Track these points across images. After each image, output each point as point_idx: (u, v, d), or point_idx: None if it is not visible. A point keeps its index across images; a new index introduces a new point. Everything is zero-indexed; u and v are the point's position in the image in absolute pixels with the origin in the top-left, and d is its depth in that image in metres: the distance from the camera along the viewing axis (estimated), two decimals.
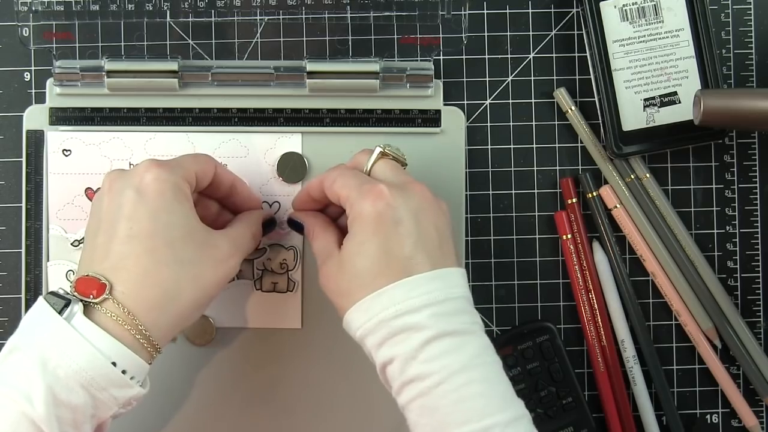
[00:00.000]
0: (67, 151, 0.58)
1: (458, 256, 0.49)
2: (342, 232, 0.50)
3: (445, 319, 0.44)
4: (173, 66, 0.57)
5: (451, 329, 0.44)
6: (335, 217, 0.54)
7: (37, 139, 0.58)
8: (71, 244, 0.58)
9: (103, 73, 0.57)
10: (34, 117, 0.58)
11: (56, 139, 0.58)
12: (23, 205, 0.58)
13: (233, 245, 0.50)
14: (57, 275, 0.58)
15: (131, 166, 0.58)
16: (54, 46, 0.59)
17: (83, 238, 0.57)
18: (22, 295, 0.58)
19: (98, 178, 0.58)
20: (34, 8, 0.58)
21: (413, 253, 0.45)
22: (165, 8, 0.59)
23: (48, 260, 0.58)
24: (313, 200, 0.53)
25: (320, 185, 0.50)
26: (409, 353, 0.44)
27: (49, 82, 0.58)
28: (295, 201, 0.54)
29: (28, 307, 0.57)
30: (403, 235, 0.45)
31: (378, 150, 0.50)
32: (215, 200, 0.54)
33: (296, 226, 0.54)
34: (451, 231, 0.49)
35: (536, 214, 0.60)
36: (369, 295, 0.45)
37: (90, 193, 0.58)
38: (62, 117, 0.58)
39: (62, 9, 0.58)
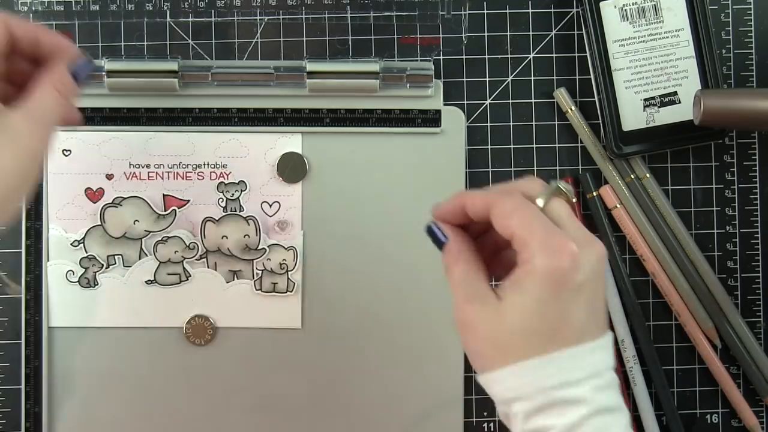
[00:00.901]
0: (67, 151, 0.58)
1: None
2: (482, 258, 0.45)
3: (604, 393, 0.41)
4: (173, 66, 0.57)
5: (609, 405, 0.41)
6: (475, 235, 0.47)
7: None
8: (71, 244, 0.58)
9: (103, 73, 0.57)
10: None
11: (56, 139, 0.58)
12: (23, 205, 0.58)
13: (31, 119, 0.44)
14: (57, 275, 0.58)
15: (131, 166, 0.58)
16: None
17: (83, 238, 0.58)
18: (22, 296, 0.58)
19: (98, 178, 0.58)
20: (34, 8, 0.58)
21: (588, 322, 0.41)
22: (165, 8, 0.59)
23: (48, 260, 0.58)
24: (465, 216, 0.45)
25: (485, 207, 0.43)
26: (566, 428, 0.40)
27: None
28: (442, 209, 0.46)
29: (28, 307, 0.57)
30: (582, 302, 0.41)
31: (555, 186, 0.44)
32: (24, 62, 0.47)
33: (434, 236, 0.46)
34: None
35: None
36: (533, 359, 0.41)
37: (90, 193, 0.58)
38: None
39: (62, 9, 0.58)
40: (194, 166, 0.58)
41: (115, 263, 0.58)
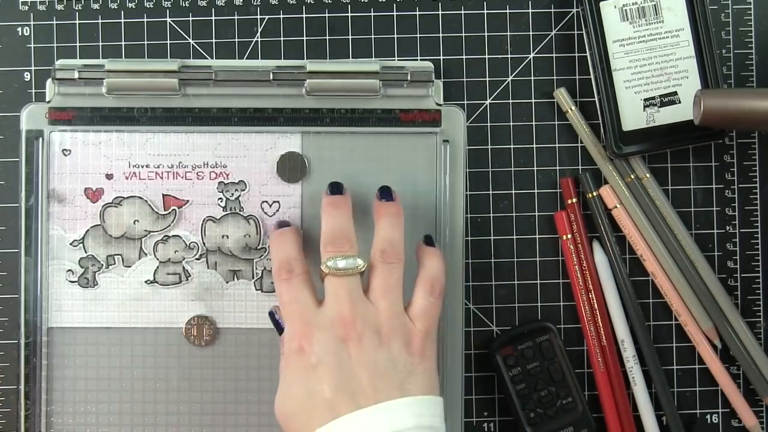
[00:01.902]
0: (66, 150, 0.58)
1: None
2: None
3: None
4: (173, 66, 0.57)
5: None
6: None
7: (36, 139, 0.58)
8: (71, 244, 0.58)
9: (103, 72, 0.57)
10: (33, 117, 0.58)
11: (56, 139, 0.58)
12: (23, 205, 0.58)
13: None
14: (57, 275, 0.58)
15: (131, 166, 0.58)
16: (54, 46, 0.59)
17: (83, 238, 0.58)
18: (22, 295, 0.58)
19: (98, 178, 0.58)
20: (34, 8, 0.58)
21: (335, 397, 0.47)
22: (165, 6, 0.59)
23: (48, 260, 0.58)
24: None
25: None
26: None
27: (49, 82, 0.58)
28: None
29: (27, 307, 0.57)
30: (321, 379, 0.47)
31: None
32: None
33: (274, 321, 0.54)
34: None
35: (536, 214, 0.60)
36: None
37: (90, 192, 0.58)
38: (62, 117, 0.58)
39: (62, 9, 0.59)
40: (194, 165, 0.58)
41: (115, 263, 0.58)
